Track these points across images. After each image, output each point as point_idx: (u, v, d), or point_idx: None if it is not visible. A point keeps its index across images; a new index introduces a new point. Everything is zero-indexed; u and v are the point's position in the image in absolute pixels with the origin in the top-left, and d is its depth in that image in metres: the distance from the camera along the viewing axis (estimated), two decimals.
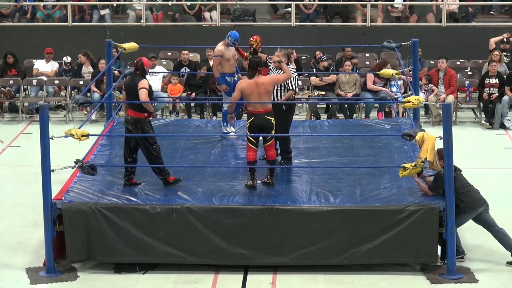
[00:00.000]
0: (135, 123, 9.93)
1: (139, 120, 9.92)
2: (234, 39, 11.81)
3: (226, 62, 11.88)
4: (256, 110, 9.97)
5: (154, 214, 9.45)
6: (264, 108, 9.98)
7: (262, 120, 9.96)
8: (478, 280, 9.34)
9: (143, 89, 9.82)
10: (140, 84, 9.85)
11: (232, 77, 11.99)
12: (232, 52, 11.91)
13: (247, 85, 9.96)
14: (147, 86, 9.90)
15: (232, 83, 11.92)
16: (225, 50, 11.86)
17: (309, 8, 19.60)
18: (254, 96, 9.93)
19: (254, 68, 9.98)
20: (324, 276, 9.47)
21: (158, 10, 19.75)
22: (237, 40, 11.83)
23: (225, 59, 11.84)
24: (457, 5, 19.35)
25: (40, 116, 9.39)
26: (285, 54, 10.79)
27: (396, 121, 12.85)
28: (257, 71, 9.97)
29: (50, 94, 17.05)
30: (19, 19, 19.97)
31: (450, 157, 9.32)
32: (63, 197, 9.63)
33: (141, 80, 9.91)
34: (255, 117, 9.95)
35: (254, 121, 9.96)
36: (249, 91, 9.94)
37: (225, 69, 11.91)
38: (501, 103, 15.82)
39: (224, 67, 11.90)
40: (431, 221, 9.36)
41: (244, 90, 9.95)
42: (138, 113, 9.93)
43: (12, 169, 13.70)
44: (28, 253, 10.10)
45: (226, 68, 11.91)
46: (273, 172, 10.13)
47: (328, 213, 9.43)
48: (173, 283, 9.32)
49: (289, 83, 10.77)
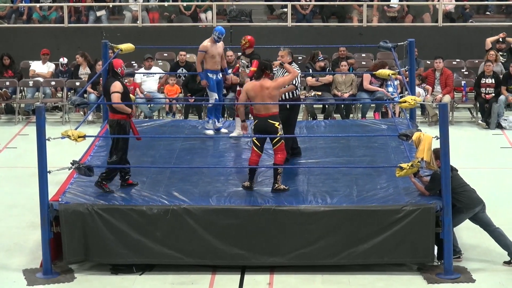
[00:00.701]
0: (115, 125, 9.91)
1: (118, 122, 9.89)
2: (219, 33, 11.90)
3: (210, 58, 11.96)
4: (260, 113, 9.92)
5: (151, 215, 9.46)
6: (267, 112, 9.89)
7: (265, 124, 9.89)
8: (475, 280, 9.36)
9: (114, 94, 9.79)
10: (112, 88, 9.83)
11: (215, 75, 12.03)
12: (218, 50, 11.97)
13: (252, 87, 9.91)
14: (119, 89, 9.83)
15: (215, 80, 12.00)
16: (211, 46, 11.94)
17: (306, 8, 19.63)
18: (258, 99, 9.88)
19: (262, 70, 9.92)
20: (321, 276, 9.48)
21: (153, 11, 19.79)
22: (222, 34, 11.93)
23: (209, 55, 11.93)
24: (453, 5, 19.38)
25: (36, 117, 9.41)
26: (289, 53, 10.81)
27: (393, 121, 12.87)
28: (264, 74, 9.90)
29: (46, 95, 17.06)
30: (15, 21, 19.98)
31: (446, 157, 9.33)
32: (60, 198, 9.64)
33: (113, 83, 9.88)
34: (258, 120, 9.91)
35: (258, 124, 9.92)
36: (253, 93, 9.89)
37: (208, 65, 11.99)
38: (498, 103, 15.83)
39: (207, 63, 11.97)
40: (428, 221, 9.37)
41: (249, 91, 9.91)
42: (115, 115, 9.92)
43: (8, 171, 13.71)
44: (25, 254, 10.10)
45: (209, 65, 11.99)
46: (277, 176, 9.96)
47: (325, 214, 9.44)
48: (170, 284, 9.33)
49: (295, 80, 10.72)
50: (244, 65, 11.59)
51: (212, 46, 11.94)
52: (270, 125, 9.90)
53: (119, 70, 10.00)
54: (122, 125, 9.91)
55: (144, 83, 16.19)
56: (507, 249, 9.71)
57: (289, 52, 10.82)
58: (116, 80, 9.93)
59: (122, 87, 9.92)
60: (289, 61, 10.74)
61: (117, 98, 9.83)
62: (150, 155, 11.25)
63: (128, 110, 9.96)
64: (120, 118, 9.89)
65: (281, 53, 10.79)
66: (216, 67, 12.05)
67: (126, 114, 9.94)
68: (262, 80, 9.90)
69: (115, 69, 9.98)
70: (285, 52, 10.78)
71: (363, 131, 12.24)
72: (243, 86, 11.40)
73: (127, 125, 9.98)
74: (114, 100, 9.82)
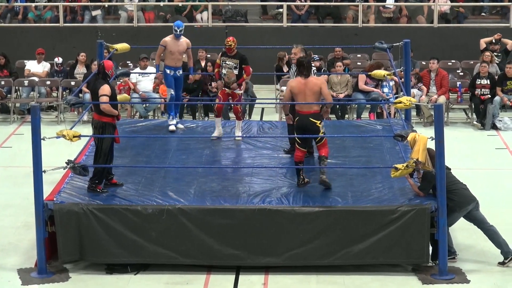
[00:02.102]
0: (100, 126, 9.89)
1: (103, 124, 9.87)
2: (175, 26, 12.02)
3: (169, 54, 12.05)
4: (302, 110, 9.89)
5: (146, 215, 9.48)
6: (309, 110, 9.88)
7: (307, 122, 9.88)
8: (469, 280, 9.38)
9: (103, 97, 9.78)
10: (100, 91, 9.80)
11: (174, 71, 12.08)
12: (178, 47, 12.03)
13: (296, 84, 9.86)
14: (107, 92, 9.80)
15: (172, 77, 12.08)
16: (170, 42, 12.02)
17: (301, 9, 19.67)
18: (301, 96, 9.85)
19: (309, 68, 9.87)
20: (316, 276, 9.51)
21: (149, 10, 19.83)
22: (178, 27, 12.03)
23: (168, 51, 12.02)
24: (448, 6, 19.45)
25: (31, 117, 9.42)
26: (302, 49, 10.86)
27: (388, 121, 12.90)
28: (311, 72, 9.85)
29: (41, 95, 17.06)
30: (11, 20, 19.99)
31: (441, 157, 9.35)
32: (54, 198, 9.65)
33: (102, 85, 9.84)
34: (299, 117, 9.89)
35: (299, 121, 9.90)
36: (297, 90, 9.84)
37: (167, 61, 12.12)
38: (493, 104, 15.88)
39: (166, 59, 12.10)
40: (423, 222, 9.40)
41: (293, 88, 9.85)
42: (101, 117, 9.90)
43: (3, 170, 13.69)
44: (19, 254, 10.11)
45: (168, 61, 12.11)
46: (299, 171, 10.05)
47: (320, 214, 9.47)
48: (165, 284, 9.35)
49: None
50: (232, 67, 11.51)
51: (172, 42, 12.02)
52: (311, 123, 9.88)
53: (109, 72, 9.99)
54: (106, 127, 9.87)
55: (139, 83, 16.20)
56: (500, 248, 9.75)
57: (302, 48, 10.89)
58: (105, 82, 9.91)
59: (111, 90, 9.90)
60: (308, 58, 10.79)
61: (106, 100, 9.80)
62: (145, 155, 11.25)
63: (115, 113, 9.93)
64: (105, 120, 9.88)
65: (294, 50, 10.89)
66: (175, 64, 12.10)
67: (112, 117, 9.92)
68: (309, 78, 9.83)
69: (106, 71, 9.96)
70: (298, 49, 10.85)
71: (358, 132, 12.26)
72: (229, 87, 11.47)
73: (111, 127, 9.93)
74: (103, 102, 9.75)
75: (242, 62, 11.57)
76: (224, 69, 11.53)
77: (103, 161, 9.91)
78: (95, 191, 9.88)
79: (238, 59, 11.51)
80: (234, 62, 11.50)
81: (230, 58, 11.55)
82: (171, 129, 12.22)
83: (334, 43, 17.73)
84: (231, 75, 11.48)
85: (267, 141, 11.78)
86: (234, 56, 11.54)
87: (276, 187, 10.09)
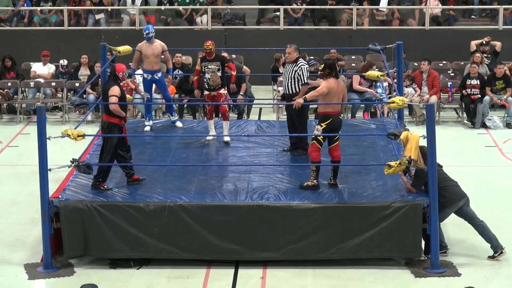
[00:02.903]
0: (106, 127, 10.05)
1: (109, 124, 10.02)
2: (144, 30, 12.01)
3: (145, 58, 12.08)
4: (335, 111, 9.96)
5: (148, 212, 9.59)
6: (339, 109, 10.07)
7: (338, 121, 10.01)
8: (460, 274, 9.52)
9: (112, 97, 9.91)
10: (110, 91, 9.94)
11: (150, 75, 12.02)
12: (152, 51, 11.99)
13: (333, 85, 9.89)
14: (117, 93, 9.93)
15: (149, 80, 12.03)
16: (144, 46, 12.01)
17: (297, 12, 19.80)
18: (338, 96, 9.92)
19: (336, 68, 9.98)
20: (312, 270, 9.63)
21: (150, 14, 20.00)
22: (146, 29, 12.03)
23: (143, 55, 12.05)
24: (440, 9, 19.62)
25: (37, 117, 9.52)
26: (296, 49, 10.97)
27: (382, 121, 12.95)
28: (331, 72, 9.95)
29: (47, 96, 17.17)
30: (17, 24, 20.06)
31: (433, 155, 9.49)
32: (60, 195, 9.76)
33: (112, 86, 9.99)
34: (333, 118, 9.92)
35: (332, 122, 9.91)
36: (335, 90, 9.89)
37: (144, 65, 12.12)
38: (482, 103, 15.97)
39: (143, 63, 12.12)
40: (415, 217, 9.53)
41: (331, 89, 9.87)
42: (109, 117, 10.05)
43: (10, 169, 13.78)
44: (26, 249, 10.22)
45: (144, 64, 12.11)
46: (337, 172, 10.12)
47: (316, 210, 9.59)
48: (167, 278, 9.47)
49: (302, 75, 10.98)
50: (215, 70, 11.45)
51: (145, 46, 12.02)
52: (341, 121, 10.07)
53: (120, 75, 10.12)
54: (112, 128, 10.02)
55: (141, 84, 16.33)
56: (490, 242, 9.90)
57: (295, 48, 10.99)
58: (115, 84, 10.03)
59: (120, 91, 10.02)
60: (297, 57, 10.95)
61: (115, 101, 9.92)
62: (147, 154, 11.39)
63: (123, 114, 10.07)
64: (113, 121, 10.03)
65: (288, 50, 10.99)
66: (151, 68, 12.06)
67: (119, 118, 10.07)
68: (335, 78, 9.93)
69: (117, 73, 10.10)
70: (292, 48, 10.95)
71: (353, 131, 12.34)
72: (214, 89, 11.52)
73: (118, 128, 10.07)
74: (112, 103, 9.90)
75: (223, 62, 11.61)
76: (208, 73, 11.50)
77: (107, 159, 10.03)
78: (99, 189, 10.00)
79: (219, 61, 11.52)
80: (216, 65, 11.48)
81: (210, 62, 11.55)
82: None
83: (329, 45, 17.80)
84: (215, 78, 11.45)
85: (265, 140, 11.88)
86: (214, 59, 11.55)
87: (274, 184, 10.19)
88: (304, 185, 10.04)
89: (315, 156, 10.01)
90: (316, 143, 9.98)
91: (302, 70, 11.02)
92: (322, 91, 9.88)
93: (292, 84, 11.05)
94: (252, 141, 11.87)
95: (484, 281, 9.40)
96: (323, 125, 9.90)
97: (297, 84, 11.05)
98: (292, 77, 11.03)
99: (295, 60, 11.04)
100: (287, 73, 11.09)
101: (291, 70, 11.03)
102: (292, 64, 11.03)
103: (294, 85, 11.06)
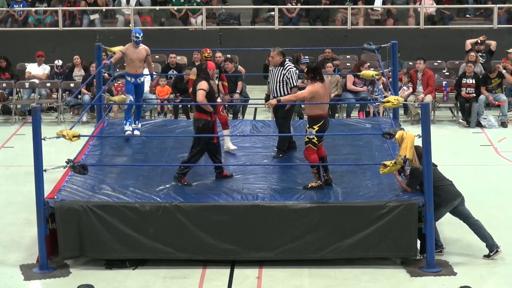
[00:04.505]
0: (199, 123, 10.19)
1: (203, 121, 10.16)
2: (136, 33, 11.79)
3: (129, 62, 11.84)
4: (325, 112, 10.01)
5: (144, 212, 9.60)
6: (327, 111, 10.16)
7: (328, 122, 10.08)
8: (456, 273, 9.54)
9: (200, 91, 10.08)
10: (198, 85, 10.13)
11: (134, 78, 11.85)
12: (137, 55, 11.81)
13: (319, 89, 9.90)
14: (205, 87, 10.11)
15: (132, 84, 11.83)
16: (130, 50, 11.78)
17: (292, 12, 19.84)
18: (326, 98, 9.96)
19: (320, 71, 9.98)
20: (308, 270, 9.65)
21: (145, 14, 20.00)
22: (139, 33, 11.80)
23: (127, 59, 11.82)
24: (434, 8, 19.66)
25: (32, 117, 9.54)
26: (279, 53, 10.94)
27: (377, 120, 13.00)
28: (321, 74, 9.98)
29: (42, 97, 17.19)
30: (11, 24, 20.04)
31: (428, 155, 9.52)
32: (55, 196, 9.77)
33: (201, 81, 10.20)
34: (324, 119, 9.97)
35: (323, 123, 9.96)
36: (321, 94, 9.90)
37: (127, 68, 11.89)
38: (478, 102, 16.01)
39: (127, 66, 11.89)
40: (411, 217, 9.56)
41: (316, 93, 9.87)
42: (200, 114, 10.19)
43: (5, 169, 13.80)
44: (21, 250, 10.23)
45: (128, 68, 11.88)
46: (327, 167, 10.20)
47: (311, 210, 9.62)
48: (163, 278, 9.49)
49: (291, 79, 10.96)
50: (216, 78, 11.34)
51: (131, 50, 11.80)
52: (328, 122, 10.13)
53: (210, 73, 10.35)
54: (205, 125, 10.14)
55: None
56: (485, 241, 9.93)
57: (279, 52, 10.93)
58: (204, 79, 10.22)
59: (208, 87, 10.16)
60: (281, 61, 10.92)
61: (202, 95, 10.07)
62: (143, 154, 11.41)
63: (210, 109, 10.18)
64: (205, 118, 10.14)
65: (271, 54, 10.98)
66: (135, 72, 11.86)
67: (207, 114, 10.15)
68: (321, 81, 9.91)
69: (208, 70, 10.32)
70: (275, 52, 10.91)
71: (348, 130, 12.39)
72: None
73: (211, 125, 10.21)
74: (199, 96, 10.04)
75: (221, 70, 11.70)
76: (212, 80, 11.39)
77: (196, 156, 10.20)
78: (180, 182, 10.12)
79: (218, 68, 11.44)
80: (217, 72, 11.42)
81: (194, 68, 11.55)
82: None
83: (324, 45, 17.82)
84: (214, 86, 11.35)
85: (260, 140, 11.91)
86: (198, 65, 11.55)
87: (269, 184, 10.22)
88: (308, 187, 10.05)
89: (314, 158, 10.03)
90: (312, 146, 10.00)
91: (290, 73, 10.97)
92: (302, 96, 9.96)
93: (280, 87, 11.00)
94: (248, 141, 11.88)
95: (480, 280, 9.42)
96: (316, 127, 9.94)
97: (286, 87, 10.98)
98: (280, 80, 10.97)
99: (281, 63, 10.97)
100: (274, 76, 11.04)
101: (279, 73, 10.97)
102: (279, 68, 10.97)
103: (282, 88, 11.00)
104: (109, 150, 11.50)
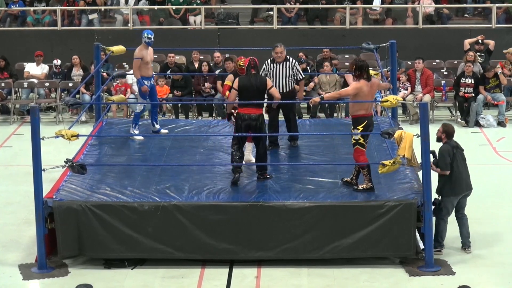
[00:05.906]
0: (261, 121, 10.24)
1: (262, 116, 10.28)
2: (148, 34, 11.66)
3: (145, 64, 11.70)
4: (369, 113, 9.94)
5: (142, 212, 9.61)
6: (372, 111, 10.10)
7: (372, 123, 10.01)
8: (455, 272, 9.56)
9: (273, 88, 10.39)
10: (269, 81, 10.33)
11: (149, 81, 11.76)
12: (151, 57, 11.78)
13: (364, 87, 9.86)
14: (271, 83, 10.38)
15: (149, 87, 11.71)
16: (145, 53, 11.67)
17: (291, 11, 19.87)
18: (370, 97, 9.91)
19: (367, 70, 9.96)
20: (307, 269, 9.67)
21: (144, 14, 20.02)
22: (151, 34, 11.71)
23: (144, 62, 11.66)
24: (433, 7, 19.68)
25: (31, 117, 9.54)
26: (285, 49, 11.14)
27: (375, 119, 13.00)
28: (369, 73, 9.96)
29: (40, 96, 17.23)
30: (10, 24, 20.06)
31: (426, 154, 9.55)
32: (54, 195, 9.78)
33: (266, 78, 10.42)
34: (368, 120, 9.91)
35: (368, 123, 9.90)
36: (366, 91, 9.86)
37: (143, 71, 11.69)
38: (476, 102, 16.06)
39: (142, 70, 11.67)
40: (409, 216, 9.57)
41: (360, 91, 9.82)
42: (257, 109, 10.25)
43: (4, 169, 13.81)
44: (20, 250, 10.24)
45: (143, 71, 11.69)
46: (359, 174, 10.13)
47: (310, 209, 9.63)
48: (161, 278, 9.50)
49: (299, 72, 11.20)
50: None
51: (146, 52, 11.66)
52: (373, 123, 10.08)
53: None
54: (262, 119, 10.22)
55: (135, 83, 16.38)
56: (463, 238, 10.03)
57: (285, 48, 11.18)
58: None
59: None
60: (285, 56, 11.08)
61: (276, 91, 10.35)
62: (141, 153, 11.41)
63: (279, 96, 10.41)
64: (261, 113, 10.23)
65: (280, 49, 11.11)
66: (150, 73, 11.80)
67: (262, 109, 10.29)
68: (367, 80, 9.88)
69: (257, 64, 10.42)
70: (282, 48, 11.12)
71: (347, 130, 12.27)
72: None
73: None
74: (273, 92, 10.26)
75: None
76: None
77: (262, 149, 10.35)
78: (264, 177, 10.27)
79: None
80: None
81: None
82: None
83: (322, 44, 17.87)
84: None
85: None
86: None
87: (268, 183, 10.22)
88: (359, 188, 9.98)
89: (363, 159, 9.97)
90: (360, 147, 9.94)
91: (297, 67, 11.24)
92: (346, 92, 10.00)
93: (289, 82, 11.18)
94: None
95: (479, 279, 9.42)
96: (360, 128, 9.88)
97: (293, 81, 11.20)
98: (289, 75, 11.13)
99: (285, 58, 11.14)
100: (281, 71, 11.12)
101: (286, 67, 11.08)
102: (284, 63, 11.08)
103: (290, 82, 11.19)
104: (108, 150, 11.50)
